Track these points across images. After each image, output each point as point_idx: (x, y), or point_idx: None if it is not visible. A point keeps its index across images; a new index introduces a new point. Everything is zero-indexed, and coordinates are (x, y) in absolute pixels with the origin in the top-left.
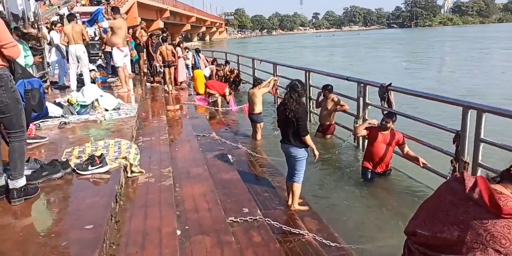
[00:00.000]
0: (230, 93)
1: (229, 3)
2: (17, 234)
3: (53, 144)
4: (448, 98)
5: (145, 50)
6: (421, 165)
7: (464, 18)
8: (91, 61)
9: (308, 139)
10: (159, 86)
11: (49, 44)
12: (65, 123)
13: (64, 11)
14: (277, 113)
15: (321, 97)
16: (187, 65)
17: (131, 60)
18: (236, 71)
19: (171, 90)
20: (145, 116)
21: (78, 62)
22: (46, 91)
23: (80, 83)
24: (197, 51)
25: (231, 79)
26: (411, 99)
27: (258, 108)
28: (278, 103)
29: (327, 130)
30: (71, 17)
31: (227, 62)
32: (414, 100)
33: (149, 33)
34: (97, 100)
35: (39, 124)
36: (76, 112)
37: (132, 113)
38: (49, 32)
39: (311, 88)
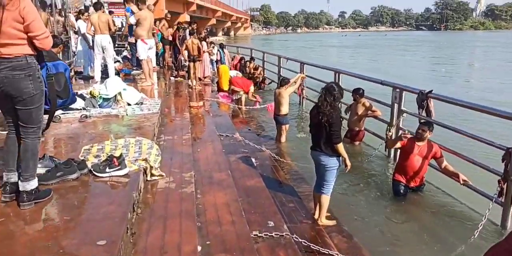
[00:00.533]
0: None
1: None
2: (22, 246)
3: (72, 139)
4: (501, 111)
5: (171, 43)
6: (461, 182)
7: (497, 23)
8: (117, 52)
9: (341, 147)
10: (183, 80)
11: (76, 33)
12: (86, 116)
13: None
14: (310, 117)
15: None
16: (211, 60)
17: (157, 53)
18: (260, 69)
19: (195, 86)
20: (168, 112)
21: (103, 52)
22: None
23: (105, 74)
24: (222, 46)
25: (255, 75)
26: (451, 109)
27: (284, 109)
28: (304, 104)
29: (356, 136)
30: (97, 5)
31: (252, 59)
32: (455, 110)
33: (176, 26)
34: (120, 93)
35: (59, 116)
36: (98, 105)
37: (155, 109)
38: (76, 21)
39: None
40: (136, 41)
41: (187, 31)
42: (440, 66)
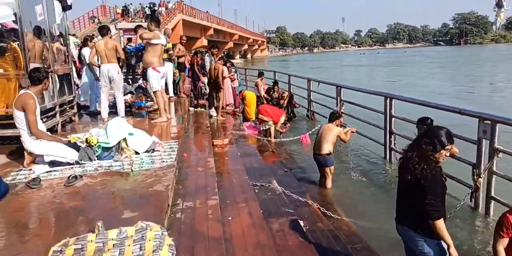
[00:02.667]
0: (284, 123)
1: (271, 20)
2: None
3: (43, 223)
4: None
5: (188, 69)
6: None
7: None
8: (133, 80)
9: (440, 226)
10: (203, 111)
11: (80, 62)
12: (75, 177)
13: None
14: (398, 172)
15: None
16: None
17: (174, 81)
18: (286, 93)
19: (217, 117)
20: (188, 158)
21: (111, 84)
22: (73, 119)
23: (115, 108)
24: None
25: (281, 101)
26: None
27: (327, 148)
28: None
29: None
30: (103, 30)
31: (275, 83)
32: None
33: (193, 51)
34: (125, 139)
35: (40, 179)
36: (96, 156)
37: (170, 159)
38: (81, 49)
39: (393, 119)
40: (144, 69)
41: (206, 55)
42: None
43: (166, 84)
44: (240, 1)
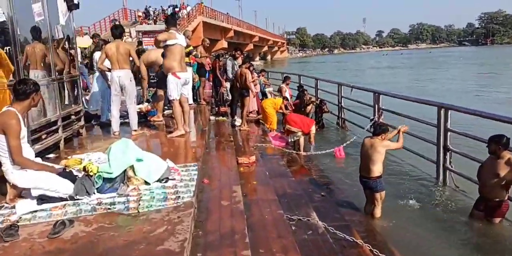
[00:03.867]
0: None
1: (291, 22)
2: None
3: None
4: None
5: (208, 74)
6: None
7: None
8: (150, 85)
9: None
10: (225, 120)
11: (91, 67)
12: (63, 224)
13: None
14: None
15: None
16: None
17: (193, 87)
18: (314, 99)
19: (240, 126)
20: (209, 187)
21: (123, 93)
22: (80, 132)
23: (128, 117)
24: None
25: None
26: None
27: (377, 169)
28: None
29: (494, 210)
30: (117, 31)
31: (301, 87)
32: None
33: (214, 54)
34: (132, 167)
35: (17, 226)
36: (96, 189)
37: (188, 195)
38: (92, 52)
39: (449, 133)
40: (157, 73)
41: (228, 60)
42: None
43: None
44: (260, 2)
